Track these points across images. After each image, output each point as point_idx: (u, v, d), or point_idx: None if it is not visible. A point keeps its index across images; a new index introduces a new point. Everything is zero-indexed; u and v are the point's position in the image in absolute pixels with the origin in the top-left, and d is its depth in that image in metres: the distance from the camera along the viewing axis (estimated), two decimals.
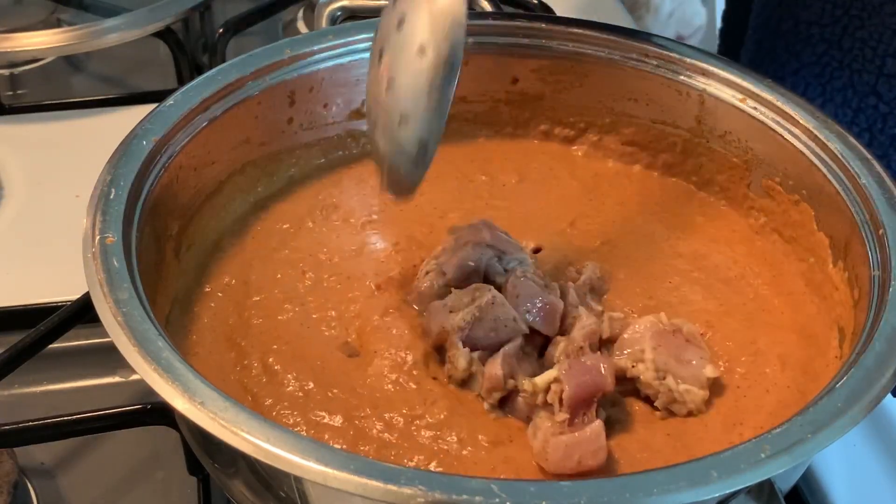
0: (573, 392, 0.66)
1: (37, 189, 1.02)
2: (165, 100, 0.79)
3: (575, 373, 0.67)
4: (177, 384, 0.58)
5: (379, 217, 0.87)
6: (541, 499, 0.52)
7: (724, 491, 0.54)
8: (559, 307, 0.74)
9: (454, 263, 0.76)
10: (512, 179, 0.92)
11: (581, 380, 0.67)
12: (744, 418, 0.70)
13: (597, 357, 0.69)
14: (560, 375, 0.67)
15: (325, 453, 0.54)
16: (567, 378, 0.67)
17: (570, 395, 0.66)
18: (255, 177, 0.87)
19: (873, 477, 0.77)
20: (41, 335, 0.78)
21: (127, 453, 0.80)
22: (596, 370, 0.68)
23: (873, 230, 0.72)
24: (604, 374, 0.68)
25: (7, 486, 0.73)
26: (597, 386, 0.68)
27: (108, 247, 0.67)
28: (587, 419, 0.67)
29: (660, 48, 0.88)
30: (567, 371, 0.67)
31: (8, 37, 1.12)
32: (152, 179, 0.75)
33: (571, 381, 0.67)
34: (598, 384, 0.68)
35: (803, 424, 0.57)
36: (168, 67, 1.21)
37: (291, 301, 0.78)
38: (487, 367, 0.71)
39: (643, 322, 0.72)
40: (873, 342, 0.63)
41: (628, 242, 0.85)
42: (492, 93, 0.94)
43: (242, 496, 0.66)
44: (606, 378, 0.68)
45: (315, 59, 0.87)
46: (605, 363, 0.69)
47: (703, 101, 0.87)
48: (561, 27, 0.91)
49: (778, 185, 0.83)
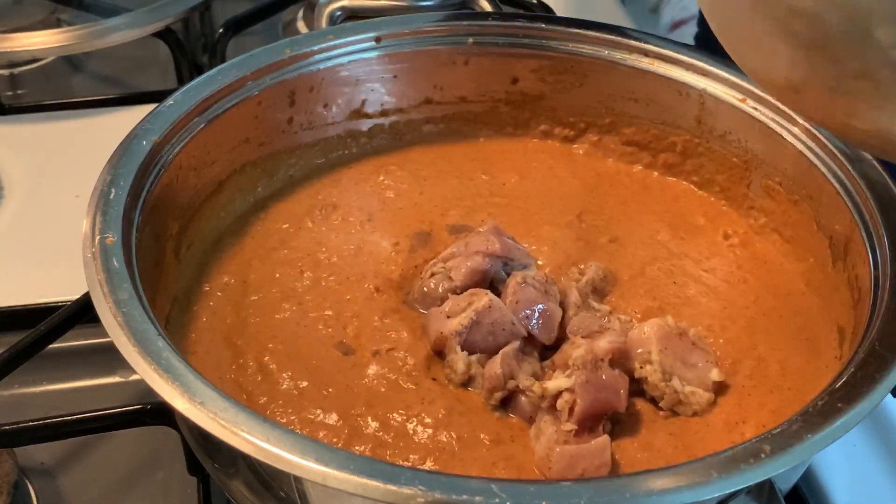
0: (586, 406, 0.66)
1: (37, 189, 1.02)
2: (165, 100, 0.79)
3: (591, 388, 0.66)
4: (177, 384, 0.58)
5: (379, 216, 0.87)
6: (541, 499, 0.52)
7: (724, 491, 0.54)
8: (558, 315, 0.74)
9: (463, 272, 0.76)
10: (512, 178, 0.92)
11: (597, 396, 0.66)
12: (746, 418, 0.70)
13: (615, 375, 0.68)
14: (575, 387, 0.66)
15: (324, 453, 0.54)
16: (582, 392, 0.66)
17: (583, 408, 0.66)
18: (254, 177, 0.87)
19: (873, 477, 0.77)
20: (41, 335, 0.78)
21: (127, 453, 0.80)
22: (613, 390, 0.67)
23: (873, 230, 0.72)
24: (621, 396, 0.68)
25: (7, 486, 0.73)
26: (611, 405, 0.67)
27: (108, 247, 0.67)
28: (594, 432, 0.66)
29: (660, 48, 0.88)
30: (584, 385, 0.66)
31: (8, 37, 1.12)
32: (152, 179, 0.75)
33: (587, 396, 0.66)
34: (612, 403, 0.67)
35: (803, 424, 0.57)
36: (168, 67, 1.21)
37: (289, 300, 0.78)
38: (487, 367, 0.71)
39: (650, 324, 0.72)
40: (873, 342, 0.63)
41: (630, 243, 0.85)
42: (492, 93, 0.94)
43: (242, 496, 0.66)
44: (622, 400, 0.68)
45: (315, 59, 0.87)
46: (622, 385, 0.68)
47: (703, 101, 0.87)
48: (561, 27, 0.91)
49: (778, 185, 0.83)
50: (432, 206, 0.88)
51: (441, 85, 0.93)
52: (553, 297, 0.75)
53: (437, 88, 0.93)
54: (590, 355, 0.68)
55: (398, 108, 0.93)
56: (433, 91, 0.93)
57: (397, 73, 0.91)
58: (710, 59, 0.87)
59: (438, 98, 0.93)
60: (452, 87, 0.93)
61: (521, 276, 0.75)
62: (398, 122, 0.93)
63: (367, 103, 0.91)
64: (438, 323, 0.73)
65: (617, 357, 0.70)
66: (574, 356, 0.68)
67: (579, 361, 0.68)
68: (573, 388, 0.66)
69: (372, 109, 0.92)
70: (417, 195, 0.89)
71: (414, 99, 0.93)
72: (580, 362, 0.68)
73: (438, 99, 0.93)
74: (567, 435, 0.66)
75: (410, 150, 0.94)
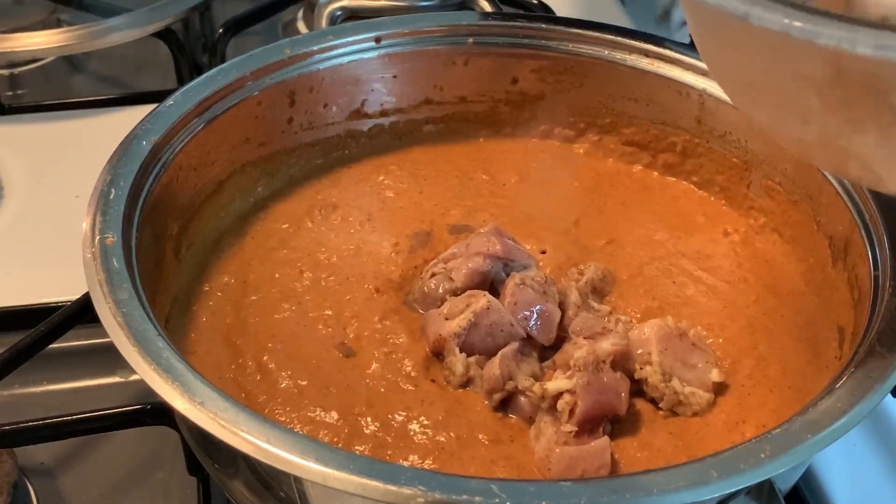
0: (587, 408, 0.66)
1: (37, 189, 1.02)
2: (165, 100, 0.79)
3: (593, 390, 0.66)
4: (177, 384, 0.58)
5: (378, 216, 0.87)
6: (541, 499, 0.52)
7: (724, 491, 0.54)
8: (556, 315, 0.74)
9: (464, 273, 0.76)
10: (512, 178, 0.92)
11: (598, 399, 0.66)
12: (746, 418, 0.70)
13: (616, 378, 0.68)
14: (576, 388, 0.66)
15: (324, 453, 0.54)
16: (583, 394, 0.66)
17: (584, 410, 0.66)
18: (254, 177, 0.87)
19: (873, 477, 0.77)
20: (41, 335, 0.78)
21: (127, 453, 0.80)
22: (614, 392, 0.67)
23: (873, 230, 0.72)
24: (622, 399, 0.68)
25: (7, 486, 0.74)
26: (612, 408, 0.67)
27: (108, 247, 0.67)
28: (594, 433, 0.66)
29: (660, 48, 0.88)
30: (585, 387, 0.66)
31: (8, 37, 1.12)
32: (152, 179, 0.75)
33: (588, 399, 0.66)
34: (613, 406, 0.67)
35: (803, 424, 0.57)
36: (168, 67, 1.21)
37: (288, 300, 0.78)
38: (486, 368, 0.71)
39: (650, 325, 0.72)
40: (873, 342, 0.63)
41: (630, 243, 0.85)
42: (492, 93, 0.94)
43: (242, 496, 0.66)
44: (623, 403, 0.68)
45: (315, 59, 0.87)
46: (624, 388, 0.68)
47: (703, 101, 0.87)
48: (561, 27, 0.91)
49: (778, 185, 0.83)
50: (432, 205, 0.88)
51: (441, 85, 0.93)
52: (552, 298, 0.75)
53: (437, 88, 0.93)
54: (591, 356, 0.68)
55: (398, 108, 0.93)
56: (433, 91, 0.93)
57: (397, 73, 0.91)
58: None
59: (438, 98, 0.93)
60: (452, 87, 0.93)
61: (520, 277, 0.75)
62: (398, 122, 0.93)
63: (367, 103, 0.91)
64: (437, 325, 0.73)
65: (618, 359, 0.70)
66: (576, 356, 0.68)
67: (581, 362, 0.68)
68: (574, 390, 0.66)
69: (372, 109, 0.92)
70: (417, 195, 0.89)
71: (414, 99, 0.93)
72: (582, 363, 0.68)
73: (438, 99, 0.93)
74: (567, 436, 0.66)
75: (410, 150, 0.94)
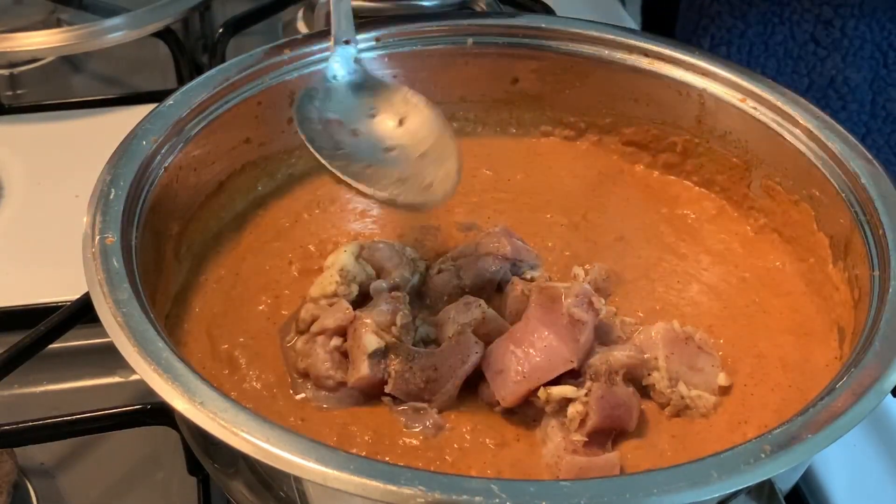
0: (599, 421, 0.66)
1: (37, 189, 1.02)
2: (165, 100, 0.79)
3: (606, 405, 0.66)
4: (177, 384, 0.58)
5: (379, 209, 0.86)
6: (541, 499, 0.52)
7: (724, 491, 0.54)
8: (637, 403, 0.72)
9: (472, 272, 0.76)
10: (517, 175, 0.92)
11: (610, 413, 0.66)
12: (748, 418, 0.70)
13: (629, 394, 0.68)
14: (589, 401, 0.66)
15: (324, 453, 0.54)
16: (596, 407, 0.66)
17: (596, 423, 0.66)
18: (254, 176, 0.87)
19: (873, 477, 0.77)
20: (41, 335, 0.78)
21: (127, 453, 0.80)
22: (626, 409, 0.67)
23: (873, 230, 0.72)
24: (633, 417, 0.68)
25: (7, 486, 0.73)
26: (622, 424, 0.67)
27: (108, 247, 0.67)
28: (603, 445, 0.66)
29: (660, 48, 0.88)
30: (598, 400, 0.66)
31: (8, 37, 1.12)
32: (152, 179, 0.75)
33: (601, 413, 0.66)
34: (624, 421, 0.67)
35: (803, 424, 0.57)
36: (168, 67, 1.20)
37: (267, 292, 0.78)
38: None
39: (657, 329, 0.72)
40: (873, 342, 0.63)
41: (633, 243, 0.85)
42: (492, 93, 0.94)
43: (242, 496, 0.66)
44: (633, 421, 0.68)
45: (315, 59, 0.87)
46: (635, 405, 0.68)
47: (703, 101, 0.87)
48: (561, 27, 0.91)
49: (778, 185, 0.83)
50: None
51: (441, 85, 0.92)
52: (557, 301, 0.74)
53: (438, 88, 0.93)
54: (605, 366, 0.68)
55: None
56: (433, 91, 0.93)
57: (397, 74, 0.91)
58: (710, 59, 0.87)
59: (438, 98, 0.93)
60: (452, 87, 0.93)
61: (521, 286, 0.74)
62: None
63: None
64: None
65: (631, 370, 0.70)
66: (589, 363, 0.68)
67: (592, 371, 0.68)
68: (587, 401, 0.66)
69: None
70: None
71: None
72: (594, 372, 0.68)
73: (438, 99, 0.93)
74: (576, 444, 0.66)
75: None
